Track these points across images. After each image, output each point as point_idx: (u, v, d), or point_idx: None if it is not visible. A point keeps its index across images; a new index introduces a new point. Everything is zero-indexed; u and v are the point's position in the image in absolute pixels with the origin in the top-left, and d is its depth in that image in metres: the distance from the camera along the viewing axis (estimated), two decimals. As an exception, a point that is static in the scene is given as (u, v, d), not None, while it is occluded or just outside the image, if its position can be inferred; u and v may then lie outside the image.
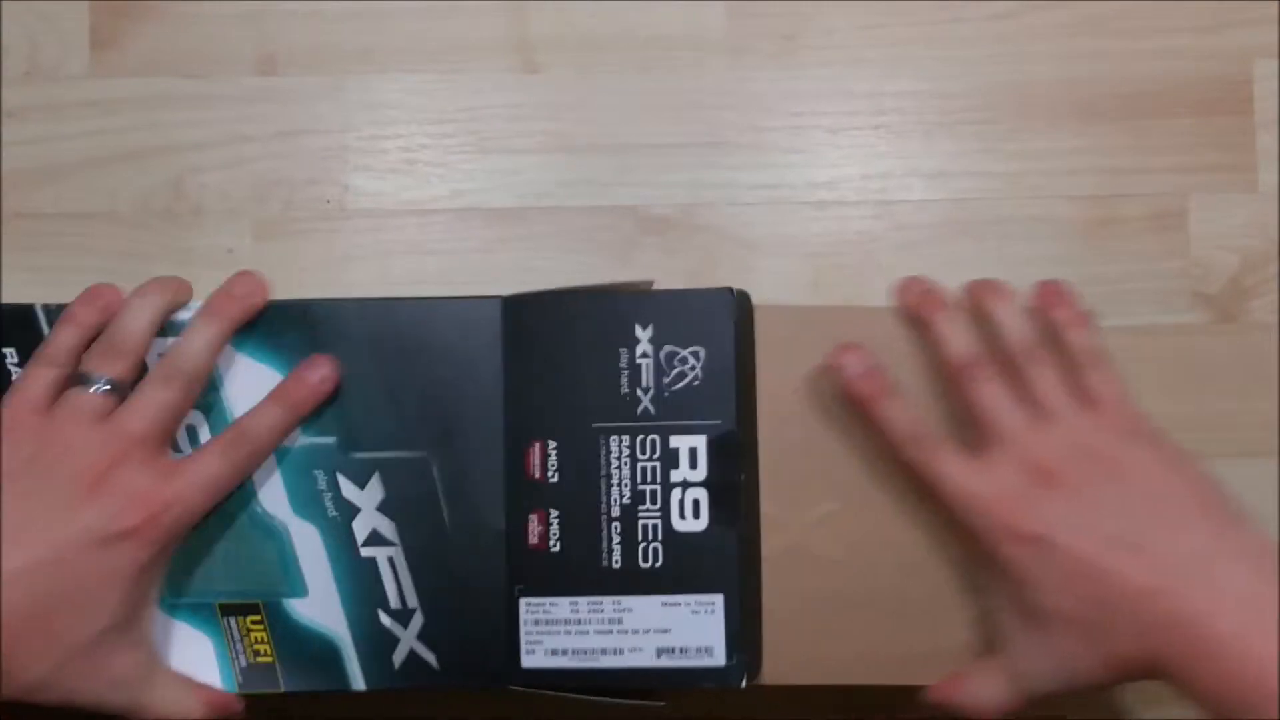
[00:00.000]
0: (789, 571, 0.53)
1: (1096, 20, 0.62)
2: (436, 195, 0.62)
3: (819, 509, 0.54)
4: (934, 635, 0.53)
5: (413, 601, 0.52)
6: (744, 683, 0.52)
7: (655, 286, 0.55)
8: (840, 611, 0.53)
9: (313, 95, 0.62)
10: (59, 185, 0.61)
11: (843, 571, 0.53)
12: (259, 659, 0.52)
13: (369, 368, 0.53)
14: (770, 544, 0.53)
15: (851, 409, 0.53)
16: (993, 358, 0.52)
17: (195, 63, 0.62)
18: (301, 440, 0.53)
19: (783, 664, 0.53)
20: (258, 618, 0.52)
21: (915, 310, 0.53)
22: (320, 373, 0.52)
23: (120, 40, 0.61)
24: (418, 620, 0.52)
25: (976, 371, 0.51)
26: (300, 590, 0.52)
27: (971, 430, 0.52)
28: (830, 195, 0.62)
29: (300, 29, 0.62)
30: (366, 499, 0.53)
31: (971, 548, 0.51)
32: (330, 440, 0.53)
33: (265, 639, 0.52)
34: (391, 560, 0.52)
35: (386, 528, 0.52)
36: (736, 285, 0.53)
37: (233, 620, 0.52)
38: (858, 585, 0.53)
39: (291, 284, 0.60)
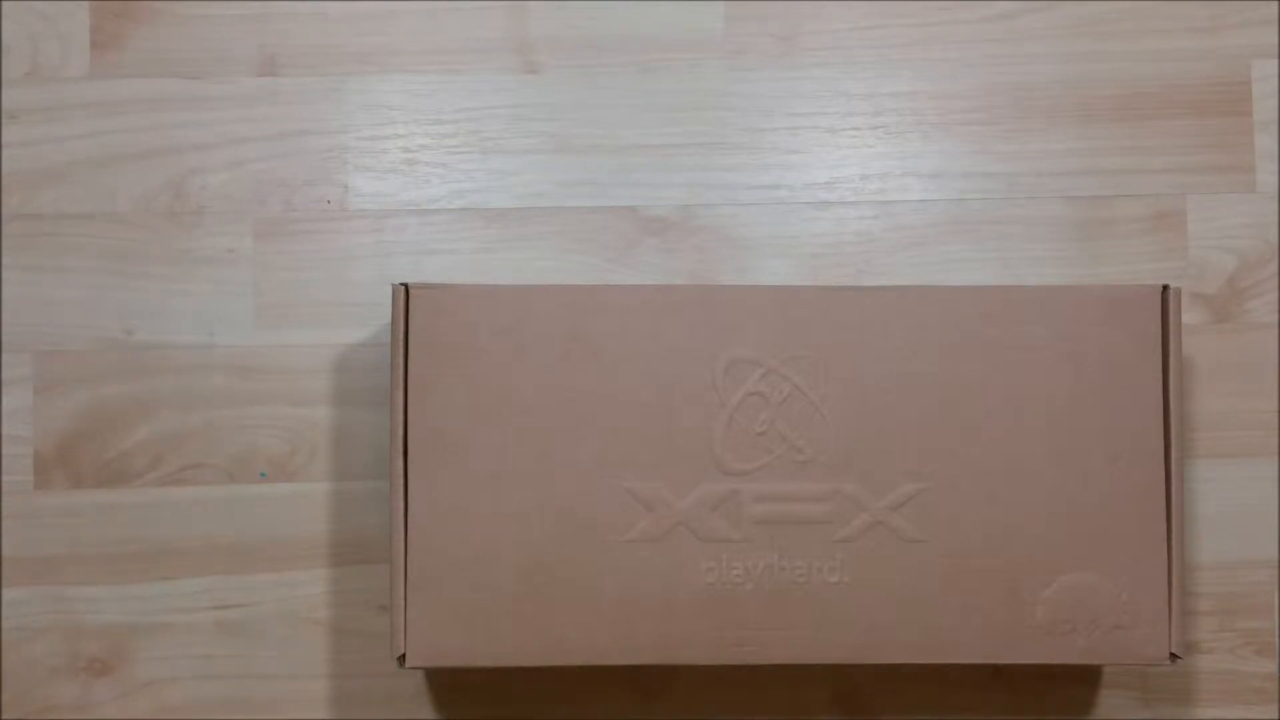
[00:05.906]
0: (869, 550, 0.54)
1: (1095, 21, 0.62)
2: (436, 195, 0.62)
3: (900, 489, 0.54)
4: (1009, 615, 0.54)
5: None
6: None
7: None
8: (919, 591, 0.54)
9: (313, 96, 0.62)
10: (59, 185, 0.61)
11: (923, 551, 0.54)
12: None
13: None
14: (851, 523, 0.54)
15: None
16: None
17: (196, 63, 0.62)
18: None
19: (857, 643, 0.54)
20: None
21: None
22: None
23: (121, 41, 0.62)
24: None
25: None
26: None
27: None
28: (829, 195, 0.62)
29: (300, 29, 0.62)
30: None
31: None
32: None
33: None
34: None
35: None
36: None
37: None
38: (937, 565, 0.54)
39: (292, 284, 0.61)
